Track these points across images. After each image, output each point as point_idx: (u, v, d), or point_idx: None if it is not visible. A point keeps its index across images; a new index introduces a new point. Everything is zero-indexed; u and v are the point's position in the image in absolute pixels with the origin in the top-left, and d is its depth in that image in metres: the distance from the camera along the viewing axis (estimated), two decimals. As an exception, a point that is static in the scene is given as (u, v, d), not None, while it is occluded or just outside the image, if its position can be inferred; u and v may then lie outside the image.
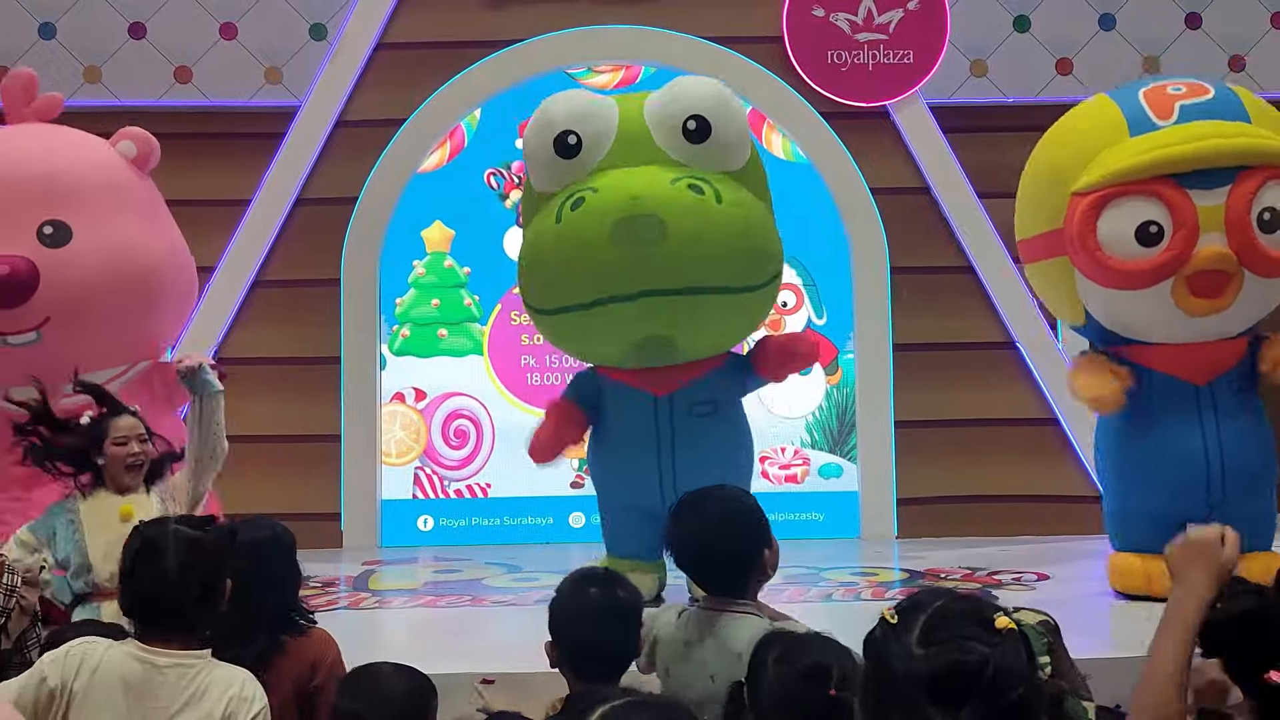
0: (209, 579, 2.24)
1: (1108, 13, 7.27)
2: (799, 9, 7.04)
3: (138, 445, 3.68)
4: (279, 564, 2.64)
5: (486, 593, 5.39)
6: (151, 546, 2.22)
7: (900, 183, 7.01)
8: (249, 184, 6.86)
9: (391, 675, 2.30)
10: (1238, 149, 4.36)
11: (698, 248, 4.41)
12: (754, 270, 4.66)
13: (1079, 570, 5.68)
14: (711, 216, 4.45)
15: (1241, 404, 4.66)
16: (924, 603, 1.33)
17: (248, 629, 2.55)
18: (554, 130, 4.64)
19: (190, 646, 2.21)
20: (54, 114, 5.23)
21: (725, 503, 2.57)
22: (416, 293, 7.13)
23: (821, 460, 7.08)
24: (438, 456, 7.09)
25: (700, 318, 4.61)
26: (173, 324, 5.38)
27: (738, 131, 4.70)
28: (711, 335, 4.77)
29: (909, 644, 1.29)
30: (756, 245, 4.66)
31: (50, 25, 7.10)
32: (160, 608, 2.19)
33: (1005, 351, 6.94)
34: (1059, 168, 4.72)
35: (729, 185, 4.59)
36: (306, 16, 7.14)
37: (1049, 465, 6.85)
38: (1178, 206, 4.33)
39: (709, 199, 4.45)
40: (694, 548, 2.52)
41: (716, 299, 4.56)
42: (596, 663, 2.29)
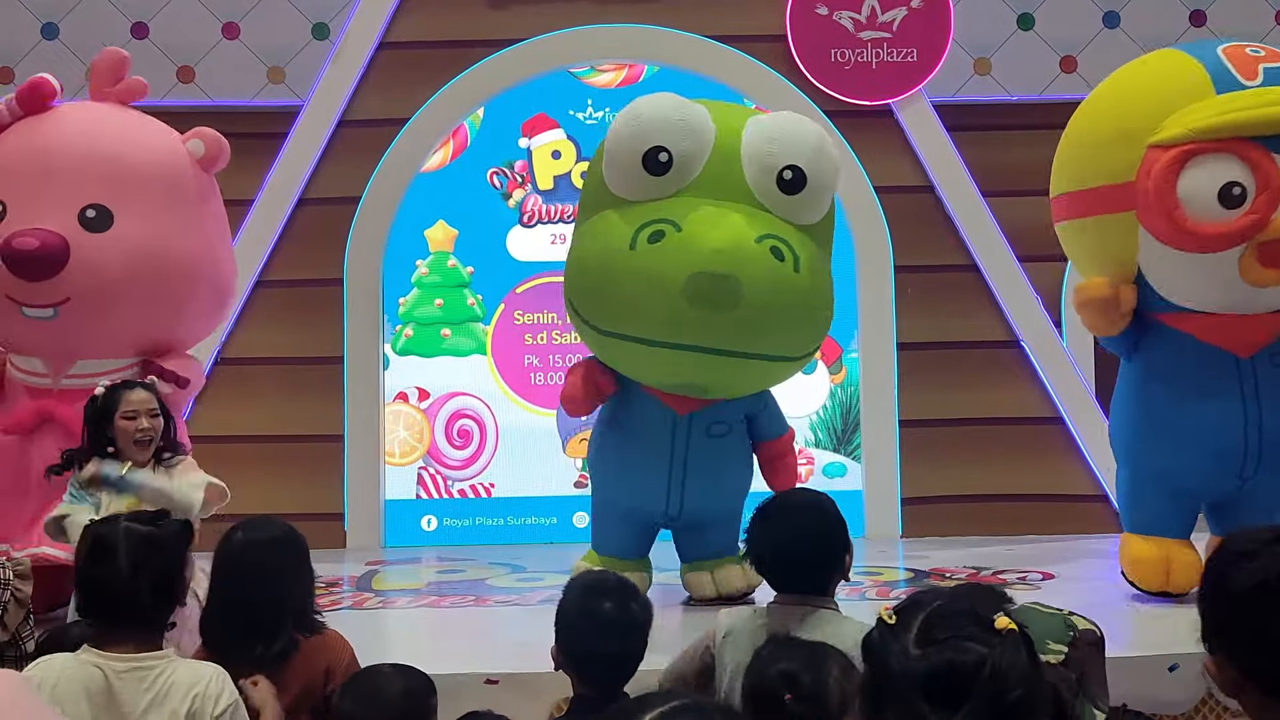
0: (164, 576, 2.18)
1: (1112, 10, 7.26)
2: (802, 7, 7.03)
3: (147, 420, 3.67)
4: (295, 562, 2.64)
5: (490, 593, 5.38)
6: (102, 546, 2.16)
7: (904, 181, 7.00)
8: (251, 184, 6.86)
9: (389, 676, 2.29)
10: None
11: (766, 319, 4.34)
12: (811, 341, 4.70)
13: (1085, 569, 5.66)
14: (787, 288, 4.34)
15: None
16: (923, 602, 1.32)
17: (267, 628, 2.54)
18: (646, 143, 4.42)
19: (150, 646, 2.16)
20: (137, 99, 5.18)
21: (811, 508, 2.66)
22: (419, 292, 7.12)
23: (826, 459, 7.06)
24: (441, 456, 7.09)
25: (746, 377, 4.64)
26: (197, 329, 5.26)
27: (829, 187, 4.58)
28: (750, 388, 4.80)
29: (906, 644, 1.28)
30: (820, 318, 4.62)
31: (53, 25, 7.10)
32: (116, 608, 2.15)
33: (1010, 350, 6.92)
34: (1130, 119, 4.49)
35: (807, 246, 4.47)
36: (309, 16, 7.14)
37: (1054, 464, 6.84)
38: (1263, 169, 4.16)
39: (788, 266, 4.32)
40: (787, 550, 2.59)
41: (768, 364, 4.60)
42: (604, 671, 2.28)
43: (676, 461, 4.69)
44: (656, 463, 4.72)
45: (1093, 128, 4.81)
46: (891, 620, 1.31)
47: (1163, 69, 4.66)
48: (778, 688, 1.97)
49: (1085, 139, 4.84)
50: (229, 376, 6.69)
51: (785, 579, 2.62)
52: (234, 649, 2.52)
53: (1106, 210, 4.59)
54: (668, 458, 4.70)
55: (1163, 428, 4.59)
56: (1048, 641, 1.90)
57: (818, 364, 7.12)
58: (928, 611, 1.29)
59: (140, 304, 4.74)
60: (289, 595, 2.60)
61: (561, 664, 2.33)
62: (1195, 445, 4.49)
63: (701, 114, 4.55)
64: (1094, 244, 4.81)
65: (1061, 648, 1.92)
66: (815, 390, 7.12)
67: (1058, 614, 2.01)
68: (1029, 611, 1.95)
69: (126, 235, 4.71)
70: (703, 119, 4.52)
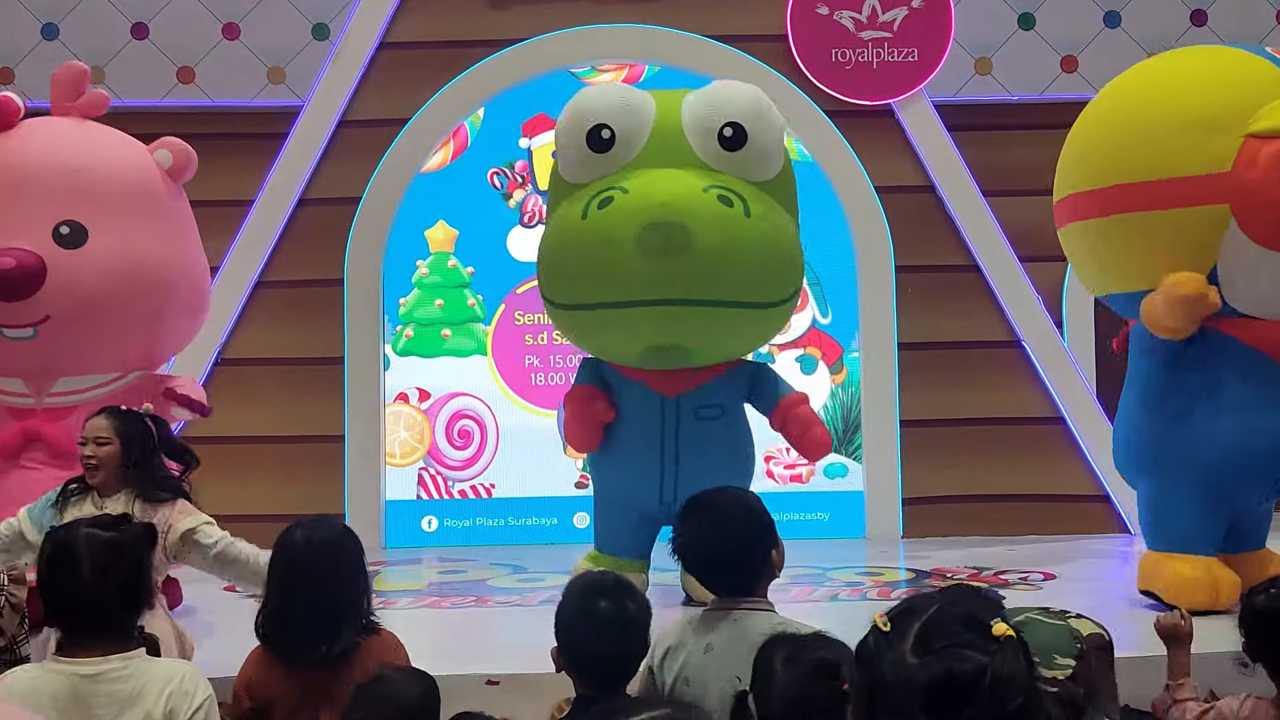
0: (129, 580, 2.14)
1: (1113, 10, 7.25)
2: (803, 7, 7.02)
3: (92, 448, 3.60)
4: (356, 561, 2.62)
5: (491, 594, 5.38)
6: (64, 552, 2.12)
7: (905, 181, 6.99)
8: (252, 184, 6.85)
9: (402, 681, 2.28)
10: None
11: (722, 262, 4.38)
12: (776, 288, 4.66)
13: (1087, 570, 5.66)
14: (739, 231, 4.41)
15: None
16: (918, 608, 1.28)
17: (331, 627, 2.52)
18: (587, 123, 4.59)
19: (119, 649, 2.13)
20: (99, 112, 5.12)
21: (732, 504, 2.55)
22: (420, 293, 7.11)
23: (827, 460, 7.05)
24: (442, 457, 7.08)
25: (716, 330, 4.60)
26: (177, 339, 5.25)
27: (773, 141, 4.66)
28: (726, 346, 4.78)
29: (903, 652, 1.24)
30: (780, 263, 4.64)
31: (53, 26, 7.10)
32: (81, 614, 2.11)
33: (1011, 350, 6.92)
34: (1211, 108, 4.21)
35: (759, 197, 4.55)
36: (309, 16, 7.13)
37: (1055, 464, 6.83)
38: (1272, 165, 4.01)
39: (737, 212, 4.41)
40: (704, 549, 2.51)
41: (735, 313, 4.56)
42: (605, 672, 2.27)
43: (668, 448, 4.68)
44: (648, 450, 4.71)
45: (1150, 118, 4.38)
46: (886, 628, 1.28)
47: (1232, 62, 4.38)
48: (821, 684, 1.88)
49: (1135, 131, 4.41)
50: (229, 377, 6.69)
51: (711, 579, 2.54)
52: (297, 649, 2.51)
53: (1174, 204, 4.23)
54: (658, 444, 4.69)
55: (1200, 436, 4.35)
56: (1054, 656, 1.84)
57: (818, 364, 7.12)
58: (924, 619, 1.26)
59: (119, 317, 4.72)
60: (352, 594, 2.58)
61: (562, 665, 2.33)
62: (1237, 457, 4.29)
63: (642, 95, 4.77)
64: (1145, 241, 4.38)
65: (1069, 661, 1.85)
66: (816, 390, 7.11)
67: (1062, 622, 1.94)
68: (1031, 622, 1.90)
69: (101, 250, 4.69)
70: (642, 98, 4.72)
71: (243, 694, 2.55)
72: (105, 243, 4.72)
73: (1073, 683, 1.86)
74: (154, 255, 4.85)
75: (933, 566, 5.74)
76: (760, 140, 4.59)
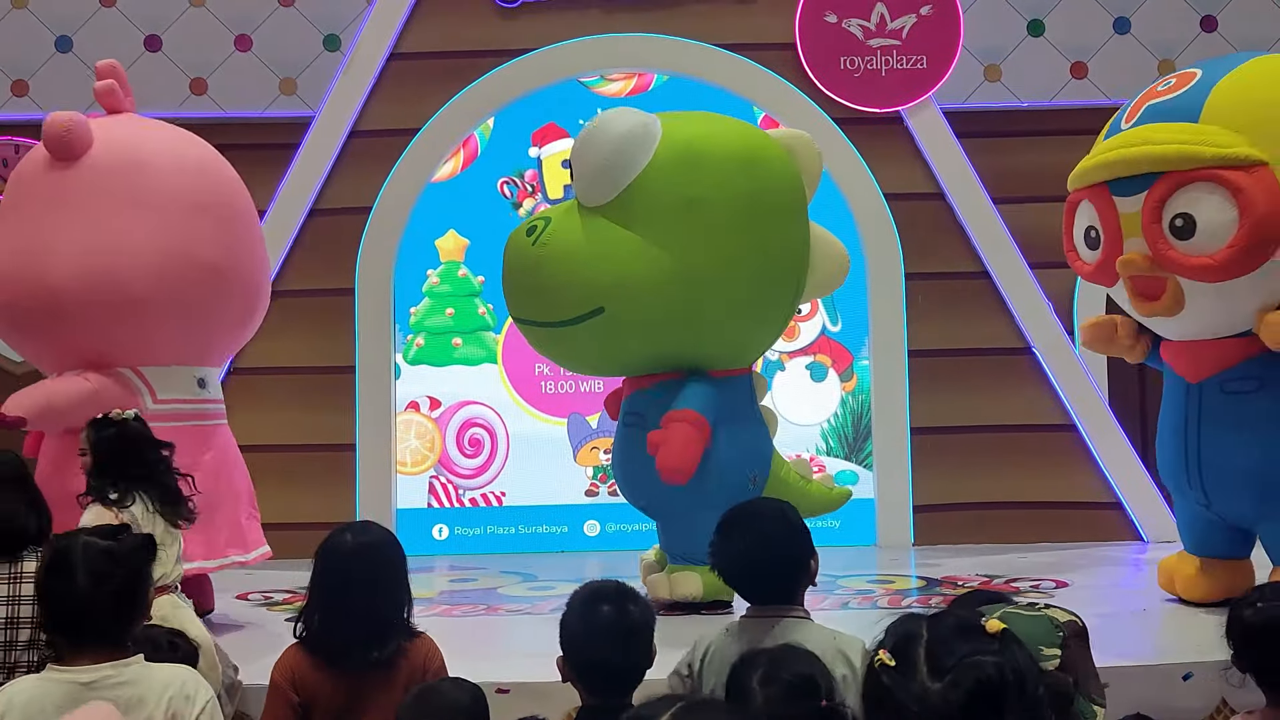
0: (125, 590, 2.14)
1: (1122, 16, 7.25)
2: (812, 15, 7.03)
3: (81, 460, 3.68)
4: (401, 566, 2.65)
5: (502, 601, 5.38)
6: (62, 561, 2.13)
7: (914, 188, 6.99)
8: (264, 194, 6.87)
9: (451, 689, 2.31)
10: (1133, 158, 4.28)
11: (513, 285, 4.92)
12: (547, 308, 4.75)
13: (1099, 577, 5.63)
14: (521, 257, 4.79)
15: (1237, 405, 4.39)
16: (913, 634, 1.28)
17: (380, 631, 2.55)
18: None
19: (114, 657, 2.13)
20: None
21: (770, 517, 2.61)
22: (431, 302, 7.14)
23: (837, 467, 7.04)
24: (452, 465, 7.09)
25: (533, 342, 5.12)
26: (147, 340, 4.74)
27: (592, 167, 4.65)
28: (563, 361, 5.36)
29: (922, 681, 1.24)
30: (549, 286, 4.69)
31: (67, 39, 7.16)
32: (77, 623, 2.11)
33: (1022, 357, 6.90)
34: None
35: (576, 224, 4.65)
36: (320, 28, 7.18)
37: (1067, 471, 6.80)
38: (1103, 213, 4.43)
39: (528, 238, 4.73)
40: (744, 561, 2.56)
41: (536, 330, 4.94)
42: (607, 680, 2.27)
43: (615, 452, 5.18)
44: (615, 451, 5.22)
45: None
46: (892, 663, 1.26)
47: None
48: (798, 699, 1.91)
49: None
50: (241, 386, 6.71)
51: (752, 590, 2.60)
52: (346, 653, 2.52)
53: None
54: (617, 448, 5.15)
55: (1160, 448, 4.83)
56: (1040, 647, 1.87)
57: (828, 371, 7.12)
58: (925, 642, 1.26)
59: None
60: (397, 598, 2.61)
61: (567, 675, 2.32)
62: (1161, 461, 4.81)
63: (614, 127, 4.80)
64: None
65: (1055, 651, 1.89)
66: (826, 398, 7.11)
67: (1040, 614, 1.97)
68: (1010, 616, 1.91)
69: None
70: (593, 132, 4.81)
71: (287, 687, 2.54)
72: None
73: (1061, 671, 1.87)
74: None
75: (944, 574, 5.72)
76: (580, 167, 4.72)
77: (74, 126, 4.61)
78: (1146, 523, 6.67)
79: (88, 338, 4.56)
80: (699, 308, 4.65)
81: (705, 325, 4.72)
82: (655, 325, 4.66)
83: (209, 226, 4.76)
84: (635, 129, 4.64)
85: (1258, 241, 4.07)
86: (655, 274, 4.57)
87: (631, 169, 4.59)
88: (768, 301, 4.90)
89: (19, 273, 4.54)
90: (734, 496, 4.64)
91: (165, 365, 4.73)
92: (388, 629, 2.56)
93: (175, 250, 4.61)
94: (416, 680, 2.56)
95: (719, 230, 4.62)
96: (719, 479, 4.68)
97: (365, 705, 2.52)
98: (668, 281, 4.58)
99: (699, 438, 4.60)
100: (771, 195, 4.78)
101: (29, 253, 4.53)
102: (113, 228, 4.54)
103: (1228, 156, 4.09)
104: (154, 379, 4.68)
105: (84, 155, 4.63)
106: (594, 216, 4.65)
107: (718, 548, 2.59)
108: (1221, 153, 4.10)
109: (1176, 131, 4.23)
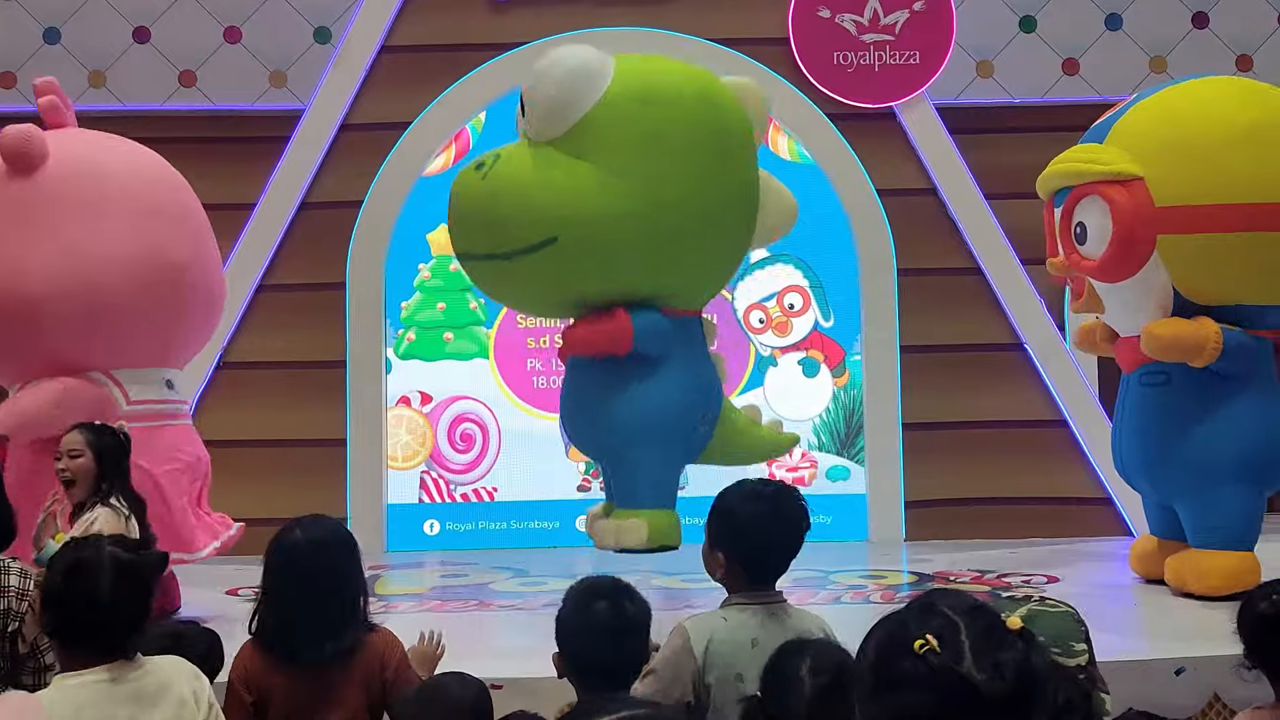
0: (139, 604, 2.15)
1: (1114, 13, 7.25)
2: (805, 10, 7.02)
3: (65, 460, 3.70)
4: (356, 559, 2.63)
5: (493, 597, 5.37)
6: (85, 568, 2.13)
7: (907, 184, 6.99)
8: (254, 188, 6.85)
9: (455, 684, 2.31)
10: (1047, 174, 5.02)
11: (456, 221, 4.90)
12: (498, 239, 4.70)
13: (1090, 572, 5.65)
14: (469, 192, 4.79)
15: (1151, 397, 4.87)
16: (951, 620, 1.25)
17: (335, 625, 2.53)
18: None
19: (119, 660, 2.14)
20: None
21: (790, 499, 2.46)
22: (422, 296, 7.11)
23: (829, 463, 7.05)
24: (444, 460, 7.07)
25: (483, 283, 5.14)
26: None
27: (543, 101, 4.65)
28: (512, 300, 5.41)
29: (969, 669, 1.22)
30: (499, 215, 4.67)
31: (55, 30, 7.11)
32: (93, 632, 2.12)
33: (1013, 353, 6.91)
34: None
35: (526, 156, 4.66)
36: (311, 20, 7.14)
37: (1058, 467, 6.82)
38: (1048, 221, 5.10)
39: (477, 174, 4.73)
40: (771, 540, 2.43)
41: (482, 264, 4.88)
42: (603, 676, 2.26)
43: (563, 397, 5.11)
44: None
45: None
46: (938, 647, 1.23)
47: None
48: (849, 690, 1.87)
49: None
50: (231, 381, 6.69)
51: (756, 570, 2.43)
52: (301, 648, 2.50)
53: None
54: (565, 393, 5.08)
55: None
56: (1070, 643, 1.85)
57: (820, 366, 7.12)
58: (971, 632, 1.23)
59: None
60: (353, 592, 2.58)
61: (563, 671, 2.31)
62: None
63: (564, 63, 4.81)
64: None
65: (1083, 646, 1.86)
66: (818, 393, 7.11)
67: (1067, 608, 1.94)
68: (1036, 612, 1.90)
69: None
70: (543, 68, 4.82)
71: (241, 687, 2.54)
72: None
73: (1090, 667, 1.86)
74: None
75: (936, 570, 5.73)
76: (533, 101, 4.71)
77: (32, 138, 4.65)
78: (1136, 518, 6.67)
79: (62, 345, 4.57)
80: (655, 239, 4.63)
81: (660, 258, 4.67)
82: (609, 257, 4.62)
83: (170, 227, 4.83)
84: (587, 63, 4.65)
85: (1128, 246, 4.66)
86: (611, 203, 4.57)
87: (584, 103, 4.60)
88: (722, 236, 4.90)
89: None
90: (683, 436, 4.78)
91: (136, 368, 4.75)
92: (343, 623, 2.54)
93: (143, 253, 4.65)
94: (375, 674, 2.55)
95: (678, 161, 4.63)
96: (664, 416, 4.70)
97: (324, 700, 2.51)
98: (625, 211, 4.57)
99: (613, 326, 4.66)
100: (726, 132, 4.83)
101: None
102: (81, 235, 4.57)
103: (1107, 172, 4.69)
104: (126, 381, 4.70)
105: (41, 166, 4.63)
106: (546, 149, 4.64)
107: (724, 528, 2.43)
108: (1104, 169, 4.71)
109: (1083, 151, 4.91)
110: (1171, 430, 4.81)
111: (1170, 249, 4.65)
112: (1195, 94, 4.88)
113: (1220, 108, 4.76)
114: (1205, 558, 4.70)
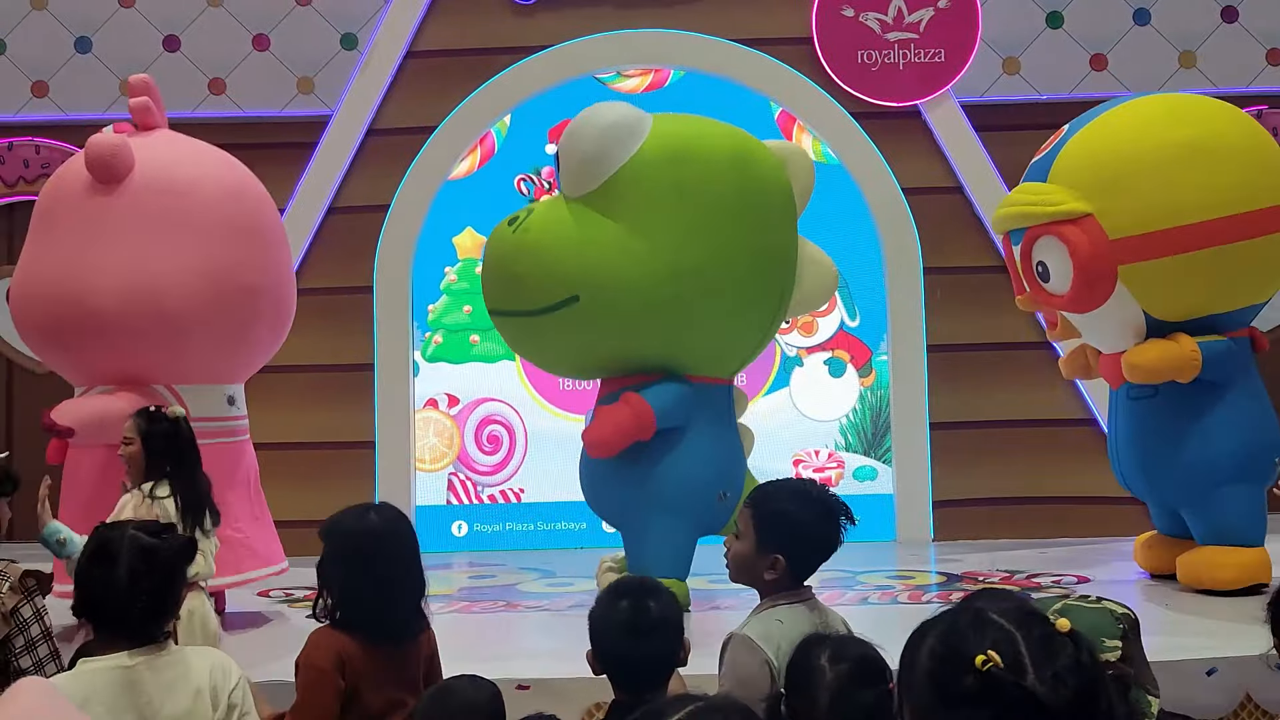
0: (160, 589, 2.17)
1: (1142, 7, 7.18)
2: (828, 9, 7.01)
3: (122, 447, 3.85)
4: (417, 541, 2.68)
5: (521, 598, 5.40)
6: (105, 550, 2.16)
7: (932, 182, 6.96)
8: (282, 193, 6.90)
9: (468, 686, 2.32)
10: (998, 216, 5.17)
11: (486, 276, 4.94)
12: (522, 295, 4.67)
13: (1120, 572, 5.60)
14: (499, 247, 4.79)
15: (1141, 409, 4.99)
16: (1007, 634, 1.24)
17: (409, 604, 2.59)
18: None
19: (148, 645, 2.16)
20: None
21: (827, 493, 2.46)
22: (449, 299, 7.16)
23: (856, 463, 7.03)
24: (471, 462, 7.11)
25: (511, 340, 5.09)
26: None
27: (576, 156, 4.64)
28: (538, 358, 5.22)
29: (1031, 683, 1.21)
30: (522, 272, 4.65)
31: (86, 39, 7.21)
32: (108, 613, 2.15)
33: (1041, 351, 6.86)
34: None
35: (557, 212, 4.64)
36: (337, 27, 7.20)
37: (1087, 466, 6.74)
38: (1009, 259, 5.24)
39: (509, 229, 4.71)
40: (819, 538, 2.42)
41: (509, 321, 4.86)
42: (629, 673, 2.28)
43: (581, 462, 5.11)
44: None
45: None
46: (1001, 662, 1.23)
47: None
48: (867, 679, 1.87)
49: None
50: (260, 384, 6.72)
51: (809, 570, 2.43)
52: (388, 627, 2.52)
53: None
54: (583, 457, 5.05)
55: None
56: (1103, 639, 1.85)
57: (847, 366, 7.10)
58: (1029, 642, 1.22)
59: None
60: (422, 572, 2.65)
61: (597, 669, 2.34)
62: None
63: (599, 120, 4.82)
64: None
65: (1116, 643, 1.86)
66: (845, 394, 7.09)
67: (1100, 607, 1.95)
68: (1074, 609, 1.90)
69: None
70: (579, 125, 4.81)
71: (333, 671, 2.47)
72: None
73: (1123, 663, 1.85)
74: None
75: (964, 570, 5.70)
76: (565, 159, 4.74)
77: (119, 151, 4.67)
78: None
79: (125, 357, 4.62)
80: (679, 302, 4.56)
81: (684, 322, 4.61)
82: (631, 319, 4.56)
83: (247, 249, 4.84)
84: (622, 120, 4.64)
85: (1090, 281, 4.77)
86: (634, 264, 4.51)
87: (616, 159, 4.56)
88: (750, 303, 4.79)
89: (61, 294, 4.60)
90: (699, 511, 4.67)
91: (198, 384, 4.81)
92: (416, 602, 2.62)
93: (216, 274, 4.67)
94: (424, 659, 2.61)
95: (705, 223, 4.58)
96: (682, 489, 4.63)
97: (398, 681, 2.54)
98: (647, 273, 4.51)
99: (633, 421, 4.56)
100: (760, 196, 4.74)
101: (71, 275, 4.58)
102: (155, 251, 4.60)
103: (1057, 213, 4.77)
104: (187, 397, 4.73)
105: (126, 178, 4.67)
106: (578, 206, 4.63)
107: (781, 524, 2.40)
108: (1053, 210, 4.79)
109: (1029, 193, 4.97)
110: (1165, 439, 4.91)
111: (1133, 276, 4.74)
112: (1126, 120, 4.93)
113: (1154, 130, 4.82)
114: (1218, 553, 4.79)
